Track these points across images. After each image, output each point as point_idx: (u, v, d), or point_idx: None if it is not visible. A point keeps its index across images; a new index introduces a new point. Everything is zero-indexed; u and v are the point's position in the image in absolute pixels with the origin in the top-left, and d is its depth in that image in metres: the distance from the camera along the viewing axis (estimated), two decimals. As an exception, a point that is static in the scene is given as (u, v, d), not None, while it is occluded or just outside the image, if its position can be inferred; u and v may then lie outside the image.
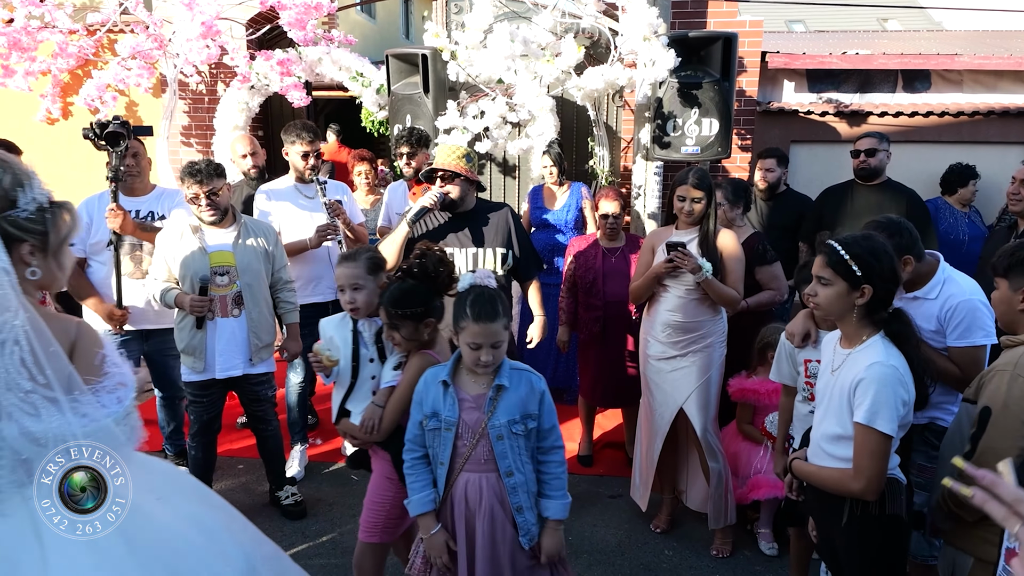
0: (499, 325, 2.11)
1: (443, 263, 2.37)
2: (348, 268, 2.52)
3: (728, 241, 3.21)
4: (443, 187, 3.19)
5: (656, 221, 5.61)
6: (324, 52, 5.57)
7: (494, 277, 2.39)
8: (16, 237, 1.43)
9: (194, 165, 3.25)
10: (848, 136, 5.76)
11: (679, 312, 3.24)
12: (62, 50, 5.48)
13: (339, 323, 2.61)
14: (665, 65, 4.27)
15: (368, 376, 2.52)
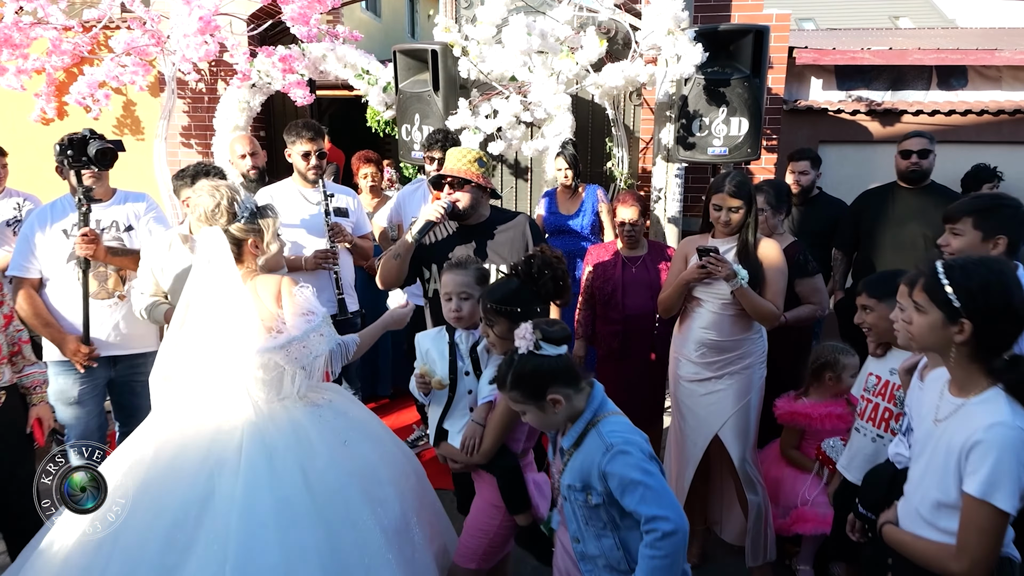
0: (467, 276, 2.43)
1: (548, 266, 2.31)
2: (458, 276, 2.48)
3: (770, 251, 2.94)
4: (451, 195, 2.93)
5: (677, 226, 5.32)
6: (328, 48, 5.31)
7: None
8: (242, 238, 2.32)
9: (206, 167, 3.21)
10: (880, 136, 5.47)
11: (714, 329, 2.97)
12: (55, 47, 5.23)
13: (435, 337, 2.57)
14: (692, 60, 3.98)
15: (465, 391, 2.47)
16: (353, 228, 3.87)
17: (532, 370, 1.90)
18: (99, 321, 3.20)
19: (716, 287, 2.96)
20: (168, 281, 3.10)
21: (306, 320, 2.26)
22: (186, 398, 2.30)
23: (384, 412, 4.97)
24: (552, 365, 1.89)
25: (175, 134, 5.99)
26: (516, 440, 2.39)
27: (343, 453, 2.28)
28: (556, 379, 1.89)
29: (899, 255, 3.99)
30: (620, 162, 5.18)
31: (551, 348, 1.89)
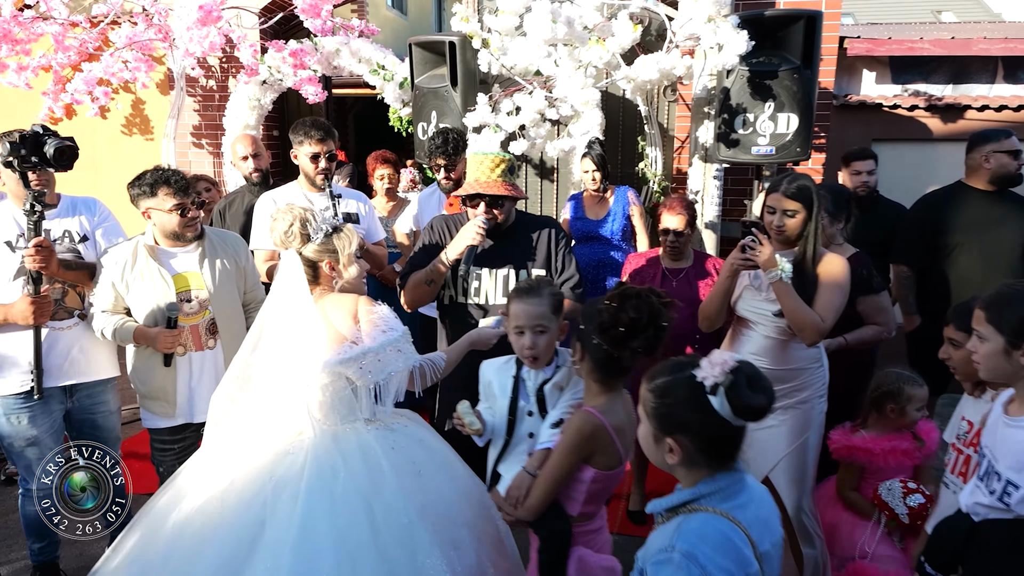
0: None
1: (656, 317, 1.80)
2: (531, 306, 2.13)
3: (833, 266, 2.54)
4: (487, 213, 2.62)
5: (715, 232, 4.92)
6: (342, 43, 5.00)
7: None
8: (316, 260, 2.24)
9: (170, 174, 2.81)
10: (941, 134, 5.00)
11: (766, 356, 2.59)
12: (58, 42, 5.00)
13: (501, 367, 2.29)
14: (736, 49, 3.58)
15: (525, 434, 2.19)
16: (364, 235, 3.55)
17: (686, 404, 1.44)
18: (56, 346, 2.78)
19: (763, 306, 2.59)
20: (134, 297, 2.76)
21: (382, 333, 2.12)
22: (254, 421, 2.19)
23: (397, 431, 4.63)
24: (710, 422, 1.41)
25: (185, 134, 5.75)
26: (572, 500, 1.97)
27: (415, 485, 2.07)
28: (698, 433, 1.44)
29: (992, 266, 3.52)
30: (654, 163, 4.79)
31: (724, 405, 1.39)
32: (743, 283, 2.70)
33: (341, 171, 5.44)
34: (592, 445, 1.88)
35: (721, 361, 1.40)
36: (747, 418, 1.41)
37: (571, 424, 1.93)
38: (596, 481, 1.93)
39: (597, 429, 1.88)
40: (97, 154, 6.00)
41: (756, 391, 1.41)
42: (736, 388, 1.38)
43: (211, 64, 5.67)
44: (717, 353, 1.42)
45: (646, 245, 4.22)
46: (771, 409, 1.43)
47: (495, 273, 2.67)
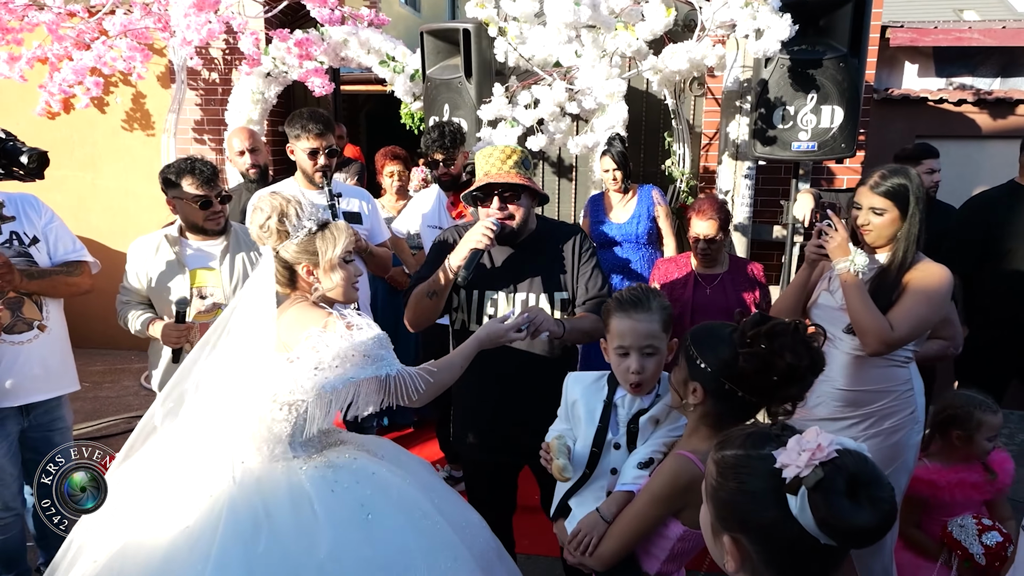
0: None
1: (782, 374, 1.43)
2: (639, 322, 1.78)
3: (927, 274, 2.21)
4: (502, 209, 2.22)
5: (745, 235, 4.61)
6: (350, 33, 4.74)
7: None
8: (292, 262, 1.91)
9: (195, 163, 2.71)
10: (991, 130, 4.66)
11: (849, 376, 2.29)
12: (53, 32, 4.75)
13: (591, 386, 1.94)
14: (778, 35, 3.27)
15: (607, 468, 1.85)
16: (368, 236, 3.27)
17: (755, 496, 1.02)
18: (16, 362, 2.51)
19: (844, 314, 2.27)
20: (154, 289, 2.71)
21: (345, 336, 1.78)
22: (175, 455, 1.85)
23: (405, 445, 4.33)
24: (785, 529, 0.98)
25: (187, 129, 5.50)
26: (651, 556, 1.68)
27: (360, 537, 1.70)
28: (764, 541, 1.02)
29: None
30: (681, 160, 4.48)
31: (805, 513, 0.96)
32: (822, 285, 2.38)
33: (349, 169, 5.16)
34: (686, 498, 1.55)
35: (813, 445, 0.97)
36: (839, 539, 0.95)
37: (665, 469, 1.61)
38: (684, 540, 1.62)
39: (695, 480, 1.50)
40: (97, 150, 5.77)
41: (859, 501, 0.95)
42: (826, 491, 0.94)
43: (213, 56, 5.42)
44: (813, 433, 0.99)
45: (673, 249, 3.91)
46: (884, 530, 0.96)
47: (513, 299, 2.29)
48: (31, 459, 2.65)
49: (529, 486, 2.55)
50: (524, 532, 2.72)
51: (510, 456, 2.40)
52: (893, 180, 2.20)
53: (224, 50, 5.36)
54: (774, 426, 1.08)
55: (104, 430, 4.39)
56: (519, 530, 2.60)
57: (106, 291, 2.96)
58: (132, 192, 5.71)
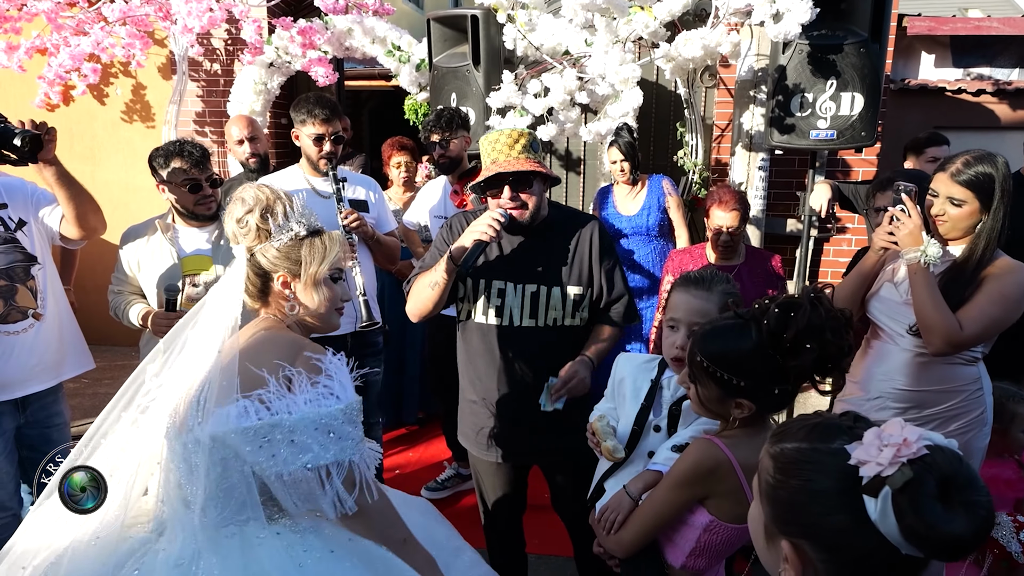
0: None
1: (817, 336, 1.32)
2: (695, 299, 1.75)
3: (1005, 271, 2.04)
4: (513, 199, 2.08)
5: (759, 228, 4.51)
6: (355, 21, 4.63)
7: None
8: (269, 269, 1.57)
9: (185, 146, 2.62)
10: (1009, 121, 4.56)
11: (911, 375, 2.15)
12: (52, 21, 4.65)
13: (641, 366, 1.91)
14: (798, 18, 3.17)
15: (645, 451, 1.80)
16: (374, 224, 3.16)
17: (823, 497, 0.87)
18: (12, 354, 2.40)
19: (902, 308, 2.15)
20: (144, 276, 2.64)
21: (313, 399, 1.42)
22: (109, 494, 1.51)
23: (411, 443, 4.26)
24: (860, 537, 0.83)
25: (188, 121, 5.40)
26: (675, 546, 1.58)
27: None
28: (833, 550, 0.87)
29: None
30: (694, 151, 4.38)
31: (887, 519, 0.81)
32: (884, 275, 2.21)
33: (354, 161, 5.06)
34: (709, 484, 1.49)
35: (899, 440, 0.81)
36: (928, 549, 0.80)
37: (689, 453, 1.53)
38: (711, 531, 1.52)
39: (720, 465, 1.46)
40: (96, 142, 5.67)
41: (953, 508, 0.80)
42: (916, 494, 0.79)
43: (215, 46, 5.32)
44: (896, 426, 0.84)
45: (686, 240, 3.81)
46: (981, 540, 0.81)
47: (521, 289, 2.14)
48: (28, 457, 2.55)
49: (539, 485, 2.47)
50: (535, 532, 2.64)
51: (518, 456, 2.29)
52: (978, 168, 2.01)
53: (226, 40, 5.27)
54: (844, 416, 0.93)
55: (103, 427, 4.30)
56: (530, 529, 2.52)
57: (104, 286, 2.86)
58: (132, 185, 5.60)
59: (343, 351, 3.12)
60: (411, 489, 3.67)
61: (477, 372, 2.24)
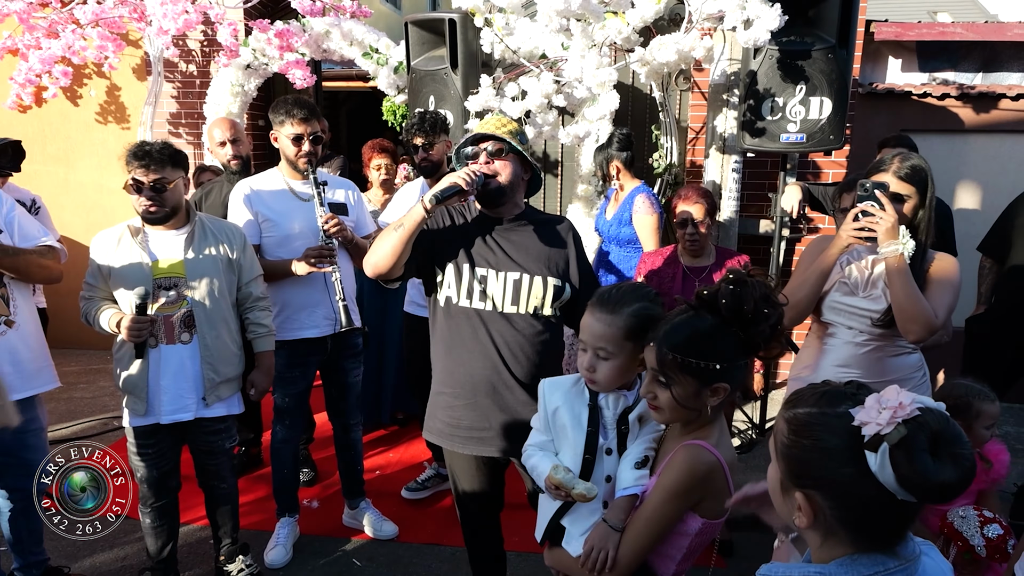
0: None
1: (769, 303, 1.45)
2: (600, 321, 1.66)
3: (946, 263, 2.17)
4: (488, 164, 2.14)
5: (733, 228, 4.59)
6: (332, 24, 4.65)
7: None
8: None
9: (144, 146, 2.50)
10: (973, 124, 4.69)
11: (857, 367, 2.24)
12: (24, 22, 4.60)
13: (571, 389, 1.79)
14: (767, 25, 3.25)
15: (601, 476, 1.70)
16: (353, 227, 3.17)
17: (831, 454, 1.01)
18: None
19: (859, 304, 2.24)
20: (115, 281, 2.56)
21: None
22: None
23: (391, 443, 4.29)
24: (861, 487, 0.98)
25: (163, 122, 5.37)
26: (667, 558, 1.58)
27: None
28: (840, 497, 1.02)
29: None
30: (668, 153, 4.46)
31: (886, 470, 0.95)
32: (833, 277, 2.29)
33: (332, 163, 5.06)
34: (704, 488, 1.50)
35: (895, 403, 0.96)
36: (923, 496, 0.95)
37: (679, 462, 1.51)
38: (701, 533, 1.54)
39: (713, 468, 1.48)
40: (70, 144, 5.62)
41: (942, 459, 0.94)
42: (910, 449, 0.93)
43: (191, 48, 5.30)
44: (893, 392, 0.98)
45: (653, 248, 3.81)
46: (965, 485, 0.95)
47: (503, 276, 2.18)
48: (2, 462, 2.54)
49: (517, 484, 2.48)
50: (514, 529, 2.66)
51: (496, 446, 2.25)
52: (914, 162, 2.13)
53: (202, 41, 5.25)
54: (848, 384, 1.07)
55: (80, 431, 4.26)
56: (509, 528, 2.53)
57: (79, 291, 2.82)
58: (106, 187, 5.56)
59: (322, 352, 3.17)
60: (391, 490, 3.70)
61: (459, 359, 2.21)
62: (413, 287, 3.52)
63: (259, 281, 2.81)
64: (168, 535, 2.74)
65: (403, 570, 3.05)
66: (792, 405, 1.08)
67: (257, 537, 3.14)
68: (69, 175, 5.63)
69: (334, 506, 3.48)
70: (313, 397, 3.42)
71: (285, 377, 3.06)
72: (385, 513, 3.36)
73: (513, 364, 2.15)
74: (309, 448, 3.93)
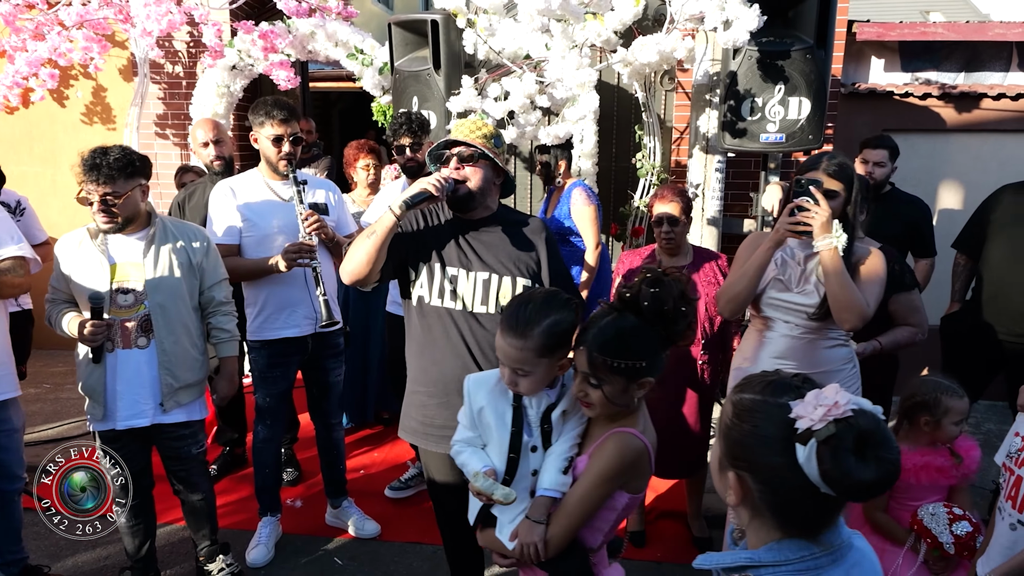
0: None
1: (685, 299, 1.59)
2: (512, 347, 1.68)
3: (872, 258, 2.31)
4: (458, 170, 2.16)
5: (717, 228, 4.62)
6: (317, 25, 4.66)
7: None
8: None
9: (96, 157, 2.42)
10: (955, 124, 4.72)
11: (793, 359, 2.34)
12: (10, 24, 4.61)
13: (495, 387, 1.82)
14: (746, 26, 3.28)
15: (528, 471, 1.78)
16: (334, 227, 3.18)
17: (765, 440, 1.05)
18: None
19: (794, 299, 2.33)
20: (75, 285, 2.55)
21: None
22: None
23: (374, 443, 4.30)
24: (788, 476, 1.03)
25: (149, 123, 5.37)
26: (596, 530, 1.71)
27: None
28: (767, 482, 1.07)
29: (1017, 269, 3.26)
30: (652, 154, 4.48)
31: (811, 463, 0.99)
32: (769, 274, 2.40)
33: (319, 164, 5.07)
34: (632, 471, 1.64)
35: (831, 402, 1.00)
36: (842, 492, 0.99)
37: (610, 448, 1.62)
38: (627, 507, 1.69)
39: (640, 454, 1.63)
40: (56, 145, 5.62)
41: (865, 460, 0.98)
42: (836, 447, 0.97)
43: (177, 49, 5.31)
44: (832, 390, 1.02)
45: (592, 247, 3.80)
46: (885, 487, 1.00)
47: (473, 276, 2.20)
48: None
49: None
50: (494, 527, 2.68)
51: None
52: (840, 160, 2.28)
53: (188, 43, 5.26)
54: (796, 377, 1.11)
55: (65, 432, 4.26)
56: (488, 524, 2.56)
57: None
58: (94, 188, 5.56)
59: (303, 352, 3.18)
60: (375, 489, 3.71)
61: (432, 358, 2.23)
62: (395, 287, 3.54)
63: (223, 285, 2.77)
64: (145, 534, 2.75)
65: (384, 569, 3.06)
66: (740, 389, 1.14)
67: (239, 536, 3.15)
68: (56, 176, 5.63)
69: (317, 505, 3.49)
70: (298, 397, 3.44)
71: (266, 377, 3.08)
72: (368, 512, 3.37)
73: (484, 363, 2.17)
74: (294, 448, 3.94)
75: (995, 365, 3.43)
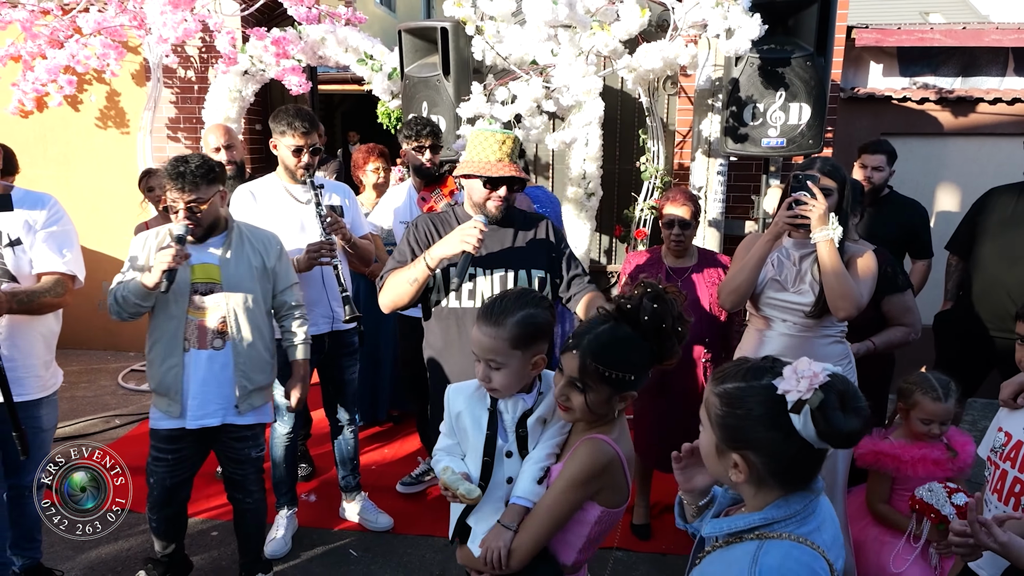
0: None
1: (682, 320, 1.60)
2: (486, 335, 1.71)
3: (866, 261, 2.41)
4: (504, 199, 2.33)
5: (719, 230, 4.72)
6: (328, 31, 4.76)
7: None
8: None
9: (179, 165, 2.46)
10: (952, 127, 4.82)
11: (790, 354, 2.37)
12: (27, 30, 4.71)
13: (473, 395, 1.84)
14: (748, 34, 3.37)
15: (503, 479, 1.77)
16: (349, 228, 3.29)
17: (761, 420, 1.19)
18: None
19: (791, 298, 2.42)
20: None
21: None
22: None
23: (386, 440, 4.40)
24: (789, 444, 1.17)
25: (162, 127, 5.47)
26: (568, 546, 1.68)
27: None
28: (771, 454, 1.20)
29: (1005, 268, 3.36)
30: (655, 157, 4.58)
31: (808, 427, 1.14)
32: (767, 274, 2.51)
33: (328, 166, 5.18)
34: (603, 479, 1.61)
35: (810, 373, 1.15)
36: (836, 444, 1.15)
37: (581, 454, 1.61)
38: (600, 522, 1.65)
39: (611, 461, 1.60)
40: (70, 148, 5.72)
41: (849, 413, 1.15)
42: (825, 409, 1.13)
43: (190, 54, 5.41)
44: (805, 363, 1.18)
45: None
46: (867, 430, 1.19)
47: (491, 273, 2.35)
48: None
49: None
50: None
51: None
52: (833, 162, 2.42)
53: (200, 48, 5.36)
54: (764, 360, 1.26)
55: (81, 430, 4.36)
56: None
57: (82, 292, 2.84)
58: (106, 191, 5.66)
59: (320, 351, 3.28)
60: (387, 484, 3.81)
61: (455, 359, 2.35)
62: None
63: (294, 289, 2.82)
64: (174, 537, 2.80)
65: (397, 560, 3.16)
66: (720, 381, 1.27)
67: (257, 529, 3.25)
68: (70, 178, 5.73)
69: (331, 499, 3.60)
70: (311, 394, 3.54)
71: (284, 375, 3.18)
72: (380, 506, 3.48)
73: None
74: (307, 443, 4.04)
75: (987, 361, 3.53)
